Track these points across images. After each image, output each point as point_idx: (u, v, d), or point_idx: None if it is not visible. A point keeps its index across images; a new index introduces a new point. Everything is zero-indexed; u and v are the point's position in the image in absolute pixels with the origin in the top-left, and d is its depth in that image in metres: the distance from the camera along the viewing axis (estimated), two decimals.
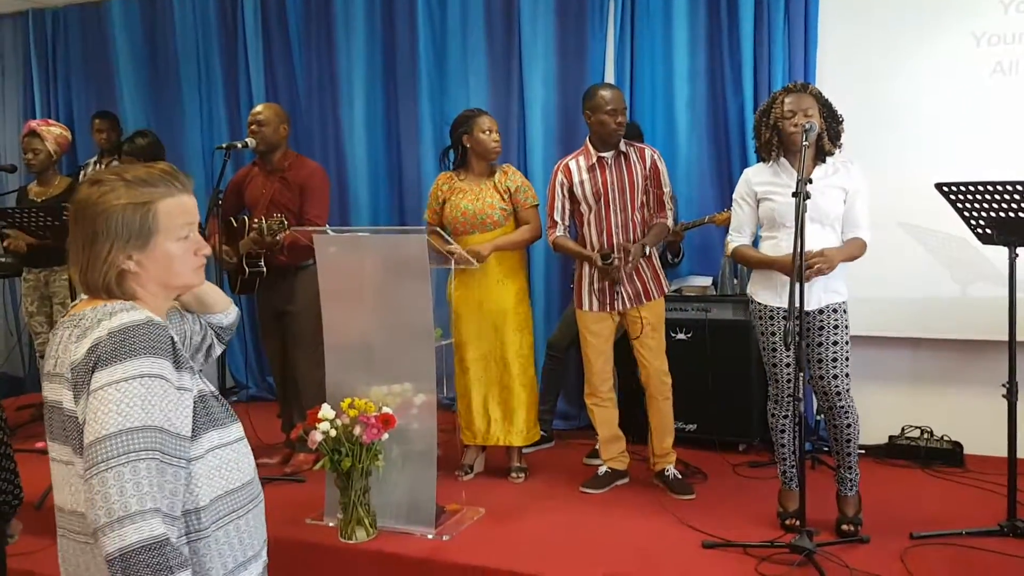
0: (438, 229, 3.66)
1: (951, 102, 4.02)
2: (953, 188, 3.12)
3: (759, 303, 3.26)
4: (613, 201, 3.69)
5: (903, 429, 4.18)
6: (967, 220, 3.20)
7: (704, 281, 4.45)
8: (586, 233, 3.76)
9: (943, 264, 4.09)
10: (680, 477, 3.74)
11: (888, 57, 4.12)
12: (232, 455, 1.58)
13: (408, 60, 5.17)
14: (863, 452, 3.79)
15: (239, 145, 3.99)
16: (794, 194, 2.90)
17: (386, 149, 5.33)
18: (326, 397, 3.36)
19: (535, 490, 3.83)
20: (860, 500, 3.27)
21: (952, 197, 3.15)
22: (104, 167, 5.12)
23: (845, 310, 3.19)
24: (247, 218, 4.13)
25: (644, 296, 3.71)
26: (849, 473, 3.24)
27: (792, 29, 4.29)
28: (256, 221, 3.90)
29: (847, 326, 3.19)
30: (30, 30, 6.26)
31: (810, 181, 2.95)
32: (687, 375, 3.96)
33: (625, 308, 3.71)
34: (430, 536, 3.27)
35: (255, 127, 4.03)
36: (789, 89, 3.18)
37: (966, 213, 3.17)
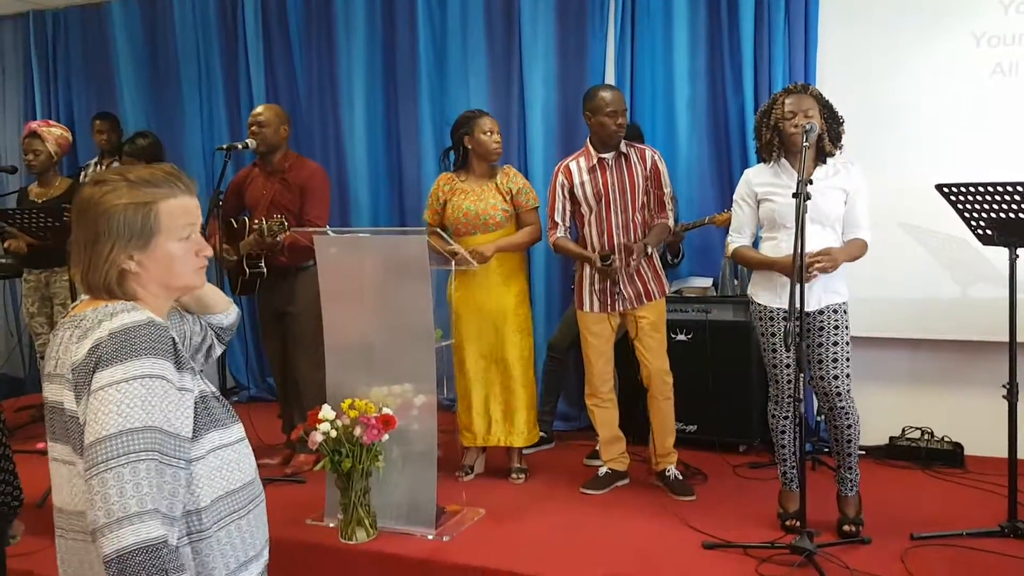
0: (438, 230, 3.66)
1: (951, 103, 4.02)
2: (953, 189, 3.12)
3: (759, 304, 3.26)
4: (614, 202, 3.69)
5: (903, 430, 4.18)
6: (967, 221, 3.20)
7: (704, 282, 4.45)
8: (587, 234, 3.76)
9: (943, 265, 4.08)
10: (681, 478, 3.74)
11: (888, 57, 4.12)
12: (233, 455, 1.58)
13: (408, 61, 5.17)
14: (863, 453, 3.80)
15: (239, 146, 3.99)
16: (794, 195, 2.89)
17: (386, 150, 5.33)
18: (326, 398, 3.36)
19: (535, 491, 3.83)
20: (861, 501, 3.27)
21: (952, 198, 3.15)
22: (105, 168, 5.11)
23: (845, 311, 3.19)
24: (247, 219, 4.13)
25: (645, 296, 3.71)
26: (849, 474, 3.24)
27: (792, 30, 4.29)
28: (256, 222, 3.90)
29: (847, 326, 3.19)
30: (30, 31, 6.26)
31: (810, 182, 2.96)
32: (687, 376, 3.96)
33: (626, 309, 3.71)
34: (430, 537, 3.27)
35: (255, 128, 4.03)
36: (790, 90, 3.19)
37: (966, 214, 3.17)
